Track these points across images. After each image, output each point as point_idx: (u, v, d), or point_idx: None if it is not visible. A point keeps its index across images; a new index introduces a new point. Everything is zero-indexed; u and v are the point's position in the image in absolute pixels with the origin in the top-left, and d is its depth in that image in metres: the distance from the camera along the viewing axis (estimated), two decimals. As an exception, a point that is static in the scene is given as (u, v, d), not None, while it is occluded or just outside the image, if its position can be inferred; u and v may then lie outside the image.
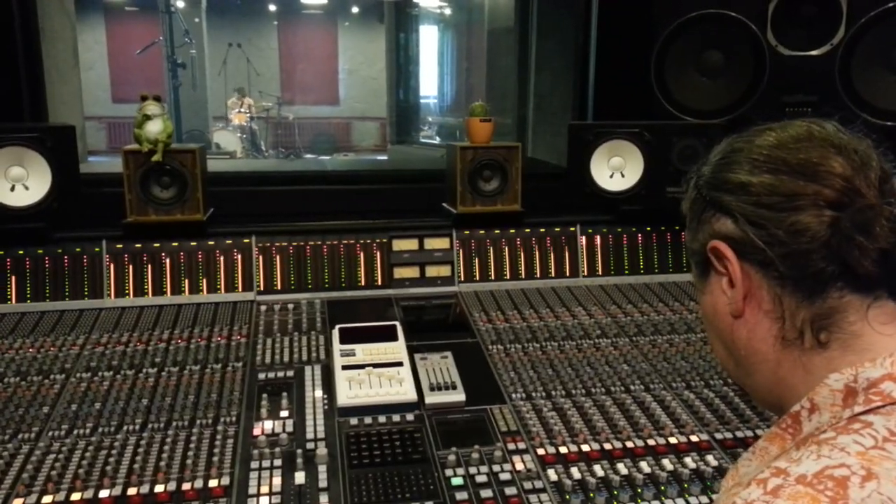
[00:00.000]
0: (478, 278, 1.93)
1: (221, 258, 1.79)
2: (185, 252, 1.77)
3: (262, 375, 1.46)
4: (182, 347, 1.55)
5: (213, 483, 1.14)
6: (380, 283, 1.88)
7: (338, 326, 1.55)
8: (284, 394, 1.38)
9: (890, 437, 0.49)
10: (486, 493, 1.13)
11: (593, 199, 1.99)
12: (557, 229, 1.98)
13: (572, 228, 1.99)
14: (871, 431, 0.50)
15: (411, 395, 1.36)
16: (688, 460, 1.23)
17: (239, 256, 1.81)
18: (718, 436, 1.31)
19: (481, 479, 1.17)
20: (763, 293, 0.61)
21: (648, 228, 2.03)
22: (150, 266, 1.75)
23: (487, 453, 1.23)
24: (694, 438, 1.29)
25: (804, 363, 0.58)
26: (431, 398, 1.37)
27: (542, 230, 1.98)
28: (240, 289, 1.80)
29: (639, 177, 1.98)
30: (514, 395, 1.42)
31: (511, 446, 1.26)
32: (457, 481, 1.16)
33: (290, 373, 1.47)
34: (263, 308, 1.75)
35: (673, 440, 1.28)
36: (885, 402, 0.52)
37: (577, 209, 2.03)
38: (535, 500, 1.12)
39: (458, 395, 1.38)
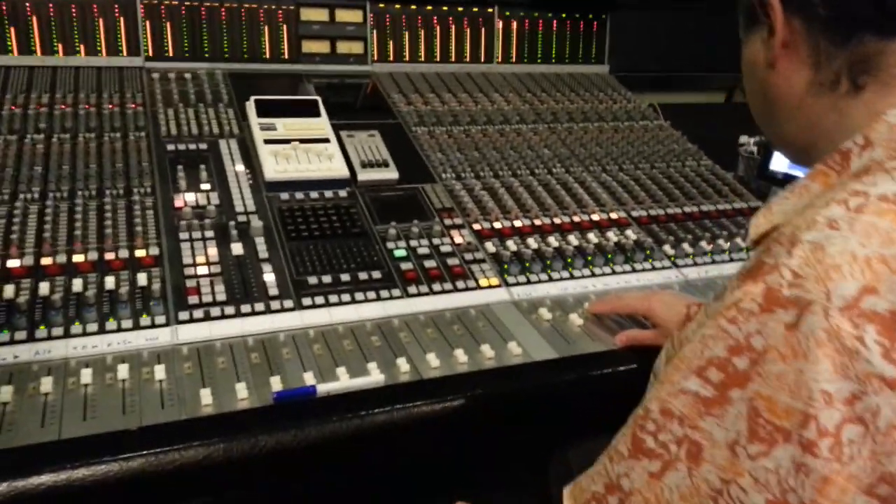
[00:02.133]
0: (391, 59, 1.82)
1: (100, 14, 1.53)
2: (55, 4, 1.48)
3: (170, 147, 1.32)
4: (69, 113, 1.35)
5: (140, 253, 1.06)
6: (286, 56, 1.71)
7: (254, 98, 1.42)
8: (202, 166, 1.27)
9: None
10: (429, 264, 1.15)
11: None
12: (475, 9, 1.87)
13: (490, 10, 1.89)
14: None
15: (343, 172, 1.31)
16: (610, 234, 1.31)
17: (120, 13, 1.55)
18: (634, 213, 1.39)
19: (423, 251, 1.18)
20: (801, 40, 0.61)
21: (564, 15, 1.97)
22: (11, 18, 1.46)
23: (426, 228, 1.23)
24: (614, 216, 1.37)
25: (839, 108, 0.60)
26: (364, 175, 1.32)
27: (460, 9, 1.86)
28: (124, 52, 1.56)
29: (564, -43, 1.88)
30: (444, 175, 1.41)
31: (448, 221, 1.27)
32: (399, 253, 1.16)
33: (203, 145, 1.34)
34: (156, 76, 1.55)
35: (595, 217, 1.36)
36: None
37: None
38: (478, 269, 1.16)
39: (391, 173, 1.35)
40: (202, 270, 1.05)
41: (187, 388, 0.84)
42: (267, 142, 1.33)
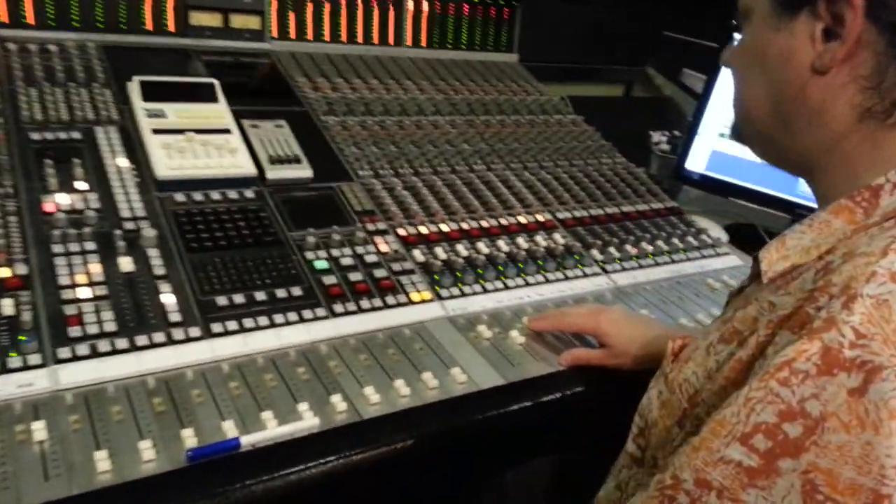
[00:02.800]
0: (293, 36, 1.65)
1: (-67, -33, 1.26)
2: None
3: (35, 136, 1.11)
4: None
5: (2, 272, 0.86)
6: (171, 28, 1.50)
7: (137, 79, 1.22)
8: (76, 160, 1.07)
9: None
10: (355, 277, 1.03)
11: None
12: (384, -12, 1.74)
13: (400, -12, 1.77)
14: None
15: (249, 169, 1.15)
16: (539, 239, 1.25)
17: (-38, -32, 1.28)
18: (560, 215, 1.34)
19: (346, 261, 1.06)
20: (867, 58, 0.52)
21: (476, 0, 1.89)
22: None
23: (347, 234, 1.11)
24: (540, 218, 1.31)
25: (876, 138, 0.54)
26: (274, 173, 1.17)
27: (369, -14, 1.72)
28: (-31, 16, 1.30)
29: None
30: (360, 173, 1.29)
31: (371, 227, 1.15)
32: (320, 265, 1.03)
33: (76, 134, 1.14)
34: (13, 48, 1.30)
35: (522, 219, 1.29)
36: None
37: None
38: (408, 281, 1.05)
39: (305, 171, 1.21)
40: (84, 293, 0.87)
41: (77, 450, 0.68)
42: (156, 131, 1.15)
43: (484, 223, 1.25)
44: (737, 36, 0.68)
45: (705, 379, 0.56)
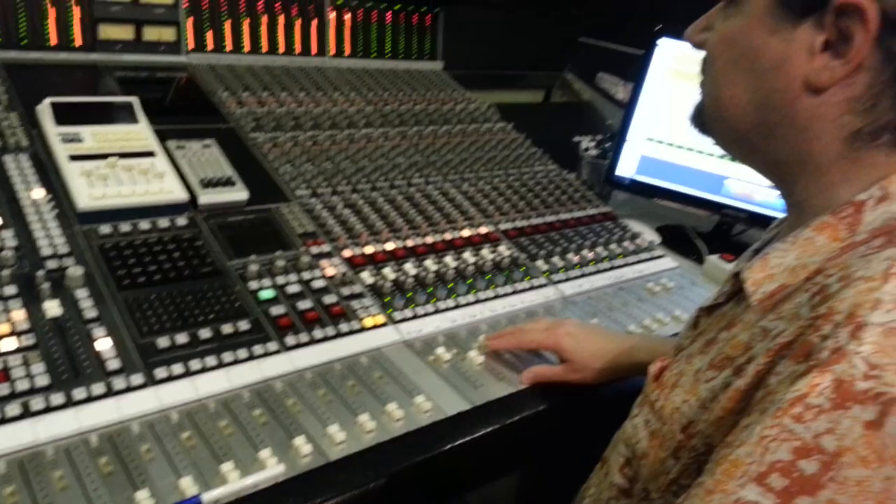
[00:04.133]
0: (210, 48, 1.57)
1: None
2: None
3: (-68, 168, 1.00)
4: None
5: None
6: (79, 43, 1.39)
7: (49, 100, 1.12)
8: (-16, 195, 0.97)
9: None
10: (304, 305, 0.98)
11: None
12: (305, -4, 1.69)
13: (321, -3, 1.72)
14: None
15: (180, 194, 1.08)
16: (484, 252, 1.24)
17: None
18: (502, 227, 1.34)
19: (293, 288, 1.01)
20: (862, 81, 0.49)
21: (397, 7, 1.86)
22: None
23: (291, 259, 1.06)
24: (483, 230, 1.30)
25: (859, 156, 0.52)
26: (206, 197, 1.10)
27: (289, -5, 1.66)
28: None
29: (399, -55, 1.75)
30: (297, 192, 1.23)
31: (314, 250, 1.11)
32: (266, 294, 0.98)
33: (-19, 165, 1.03)
34: None
35: (466, 233, 1.28)
36: None
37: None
38: (359, 306, 1.02)
39: (240, 193, 1.14)
40: (8, 344, 0.79)
41: (17, 528, 0.61)
42: (73, 158, 1.06)
43: (429, 239, 1.23)
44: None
45: (699, 409, 0.55)
